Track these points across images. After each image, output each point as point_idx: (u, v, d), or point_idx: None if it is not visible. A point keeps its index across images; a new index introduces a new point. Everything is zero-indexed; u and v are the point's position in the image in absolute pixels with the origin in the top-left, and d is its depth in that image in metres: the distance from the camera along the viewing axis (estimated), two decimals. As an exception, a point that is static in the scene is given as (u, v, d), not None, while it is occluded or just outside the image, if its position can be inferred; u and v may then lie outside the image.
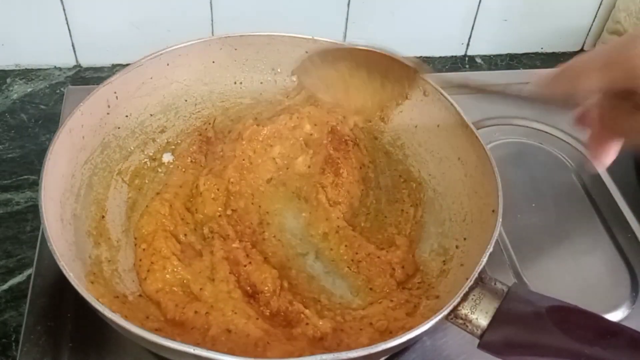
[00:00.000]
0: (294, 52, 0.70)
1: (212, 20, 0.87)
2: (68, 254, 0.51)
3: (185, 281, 0.56)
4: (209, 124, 0.69)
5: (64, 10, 0.83)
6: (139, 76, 0.65)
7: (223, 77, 0.70)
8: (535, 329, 0.48)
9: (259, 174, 0.67)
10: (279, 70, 0.72)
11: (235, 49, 0.69)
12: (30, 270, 0.62)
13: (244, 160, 0.66)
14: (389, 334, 0.54)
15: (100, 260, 0.56)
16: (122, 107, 0.64)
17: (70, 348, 0.55)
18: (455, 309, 0.49)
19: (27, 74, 0.88)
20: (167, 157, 0.67)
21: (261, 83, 0.72)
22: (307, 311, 0.55)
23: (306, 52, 0.69)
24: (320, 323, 0.54)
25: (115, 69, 0.89)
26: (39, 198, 0.51)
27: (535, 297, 0.51)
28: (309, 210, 0.65)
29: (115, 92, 0.62)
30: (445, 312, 0.48)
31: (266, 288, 0.56)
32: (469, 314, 0.50)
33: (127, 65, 0.64)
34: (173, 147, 0.68)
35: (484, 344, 0.50)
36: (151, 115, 0.67)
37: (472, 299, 0.50)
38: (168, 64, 0.66)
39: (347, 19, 0.90)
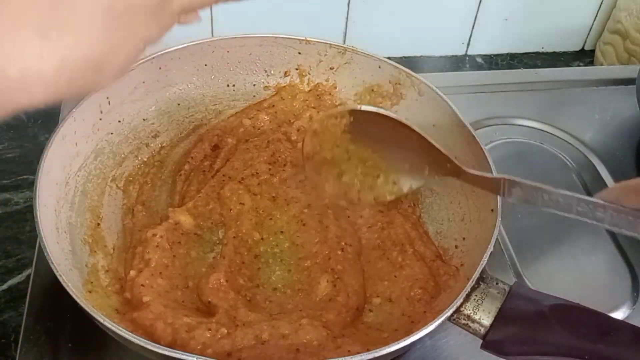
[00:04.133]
0: (287, 53, 0.70)
1: (212, 20, 0.86)
2: (65, 263, 0.51)
3: None
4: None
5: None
6: (131, 80, 0.64)
7: (216, 79, 0.70)
8: (538, 327, 0.48)
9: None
10: (272, 72, 0.71)
11: (228, 51, 0.69)
12: (29, 271, 0.61)
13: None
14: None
15: (97, 268, 0.55)
16: (114, 113, 0.63)
17: (69, 348, 0.55)
18: (457, 309, 0.49)
19: (26, 73, 0.87)
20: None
21: (254, 85, 0.71)
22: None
23: (299, 52, 0.70)
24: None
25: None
26: (34, 207, 0.50)
27: (537, 296, 0.51)
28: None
29: (107, 97, 0.62)
30: (449, 314, 0.48)
31: None
32: (472, 314, 0.49)
33: (126, 64, 0.63)
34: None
35: (487, 344, 0.49)
36: (144, 120, 0.66)
37: (474, 299, 0.50)
38: (160, 68, 0.66)
39: (347, 19, 0.90)
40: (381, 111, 0.57)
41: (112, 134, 0.63)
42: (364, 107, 0.57)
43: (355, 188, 0.60)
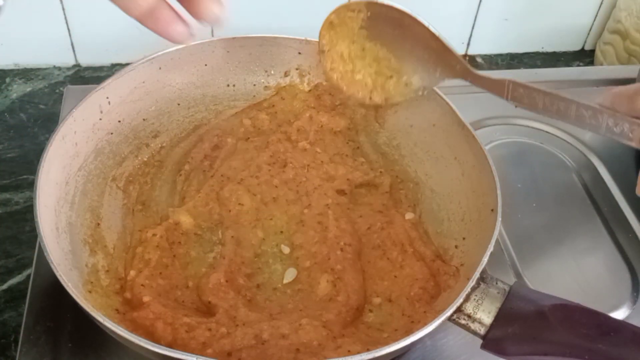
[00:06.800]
0: (287, 54, 0.70)
1: (212, 20, 0.86)
2: (65, 263, 0.51)
3: None
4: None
5: (63, 9, 0.82)
6: (131, 80, 0.64)
7: (216, 79, 0.70)
8: (539, 327, 0.48)
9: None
10: (272, 72, 0.71)
11: (228, 52, 0.69)
12: (29, 270, 0.61)
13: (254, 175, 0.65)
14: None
15: (97, 268, 0.55)
16: (114, 113, 0.63)
17: (69, 348, 0.55)
18: (457, 309, 0.49)
19: (26, 73, 0.87)
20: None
21: (254, 85, 0.71)
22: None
23: (299, 52, 0.70)
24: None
25: (114, 68, 0.89)
26: (34, 207, 0.50)
27: (537, 296, 0.51)
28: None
29: (107, 97, 0.62)
30: (449, 314, 0.48)
31: None
32: (472, 314, 0.50)
33: (127, 64, 0.63)
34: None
35: (488, 344, 0.50)
36: (144, 119, 0.66)
37: (475, 299, 0.50)
38: (160, 68, 0.66)
39: (347, 20, 0.90)
40: (397, 6, 0.58)
41: (112, 134, 0.63)
42: (381, 0, 0.59)
43: (367, 87, 0.62)
